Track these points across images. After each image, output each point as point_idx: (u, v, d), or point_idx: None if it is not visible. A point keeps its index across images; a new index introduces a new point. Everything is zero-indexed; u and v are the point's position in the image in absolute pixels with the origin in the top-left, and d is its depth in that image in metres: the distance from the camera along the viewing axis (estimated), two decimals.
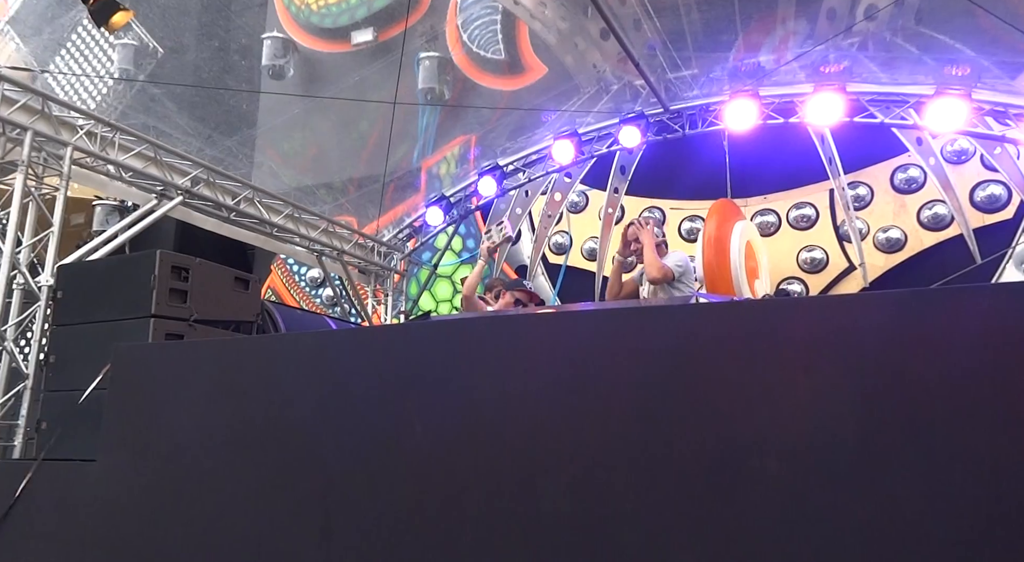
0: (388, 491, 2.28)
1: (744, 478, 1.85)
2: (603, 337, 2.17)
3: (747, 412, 1.90)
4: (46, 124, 5.18)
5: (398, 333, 3.01)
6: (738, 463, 1.87)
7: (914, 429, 1.74)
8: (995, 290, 2.19)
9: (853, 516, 1.74)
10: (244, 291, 4.13)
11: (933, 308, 1.87)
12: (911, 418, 1.75)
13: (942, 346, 1.79)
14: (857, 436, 1.79)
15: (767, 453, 1.84)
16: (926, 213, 7.45)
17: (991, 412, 1.71)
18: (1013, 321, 1.76)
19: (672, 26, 6.41)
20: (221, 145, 6.91)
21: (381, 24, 8.26)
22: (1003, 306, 1.80)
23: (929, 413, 1.75)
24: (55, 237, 5.10)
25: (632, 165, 8.48)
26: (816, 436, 1.83)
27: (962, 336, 1.79)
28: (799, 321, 1.99)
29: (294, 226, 7.44)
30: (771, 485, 1.82)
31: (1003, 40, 5.28)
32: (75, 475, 3.17)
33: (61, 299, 3.88)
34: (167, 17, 6.37)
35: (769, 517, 1.81)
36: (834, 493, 1.76)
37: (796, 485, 1.80)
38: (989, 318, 1.79)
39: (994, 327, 1.76)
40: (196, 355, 2.96)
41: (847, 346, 1.87)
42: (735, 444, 1.89)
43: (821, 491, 1.78)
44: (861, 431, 1.79)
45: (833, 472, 1.78)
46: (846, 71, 6.41)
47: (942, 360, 1.78)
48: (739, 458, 1.87)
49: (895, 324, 1.85)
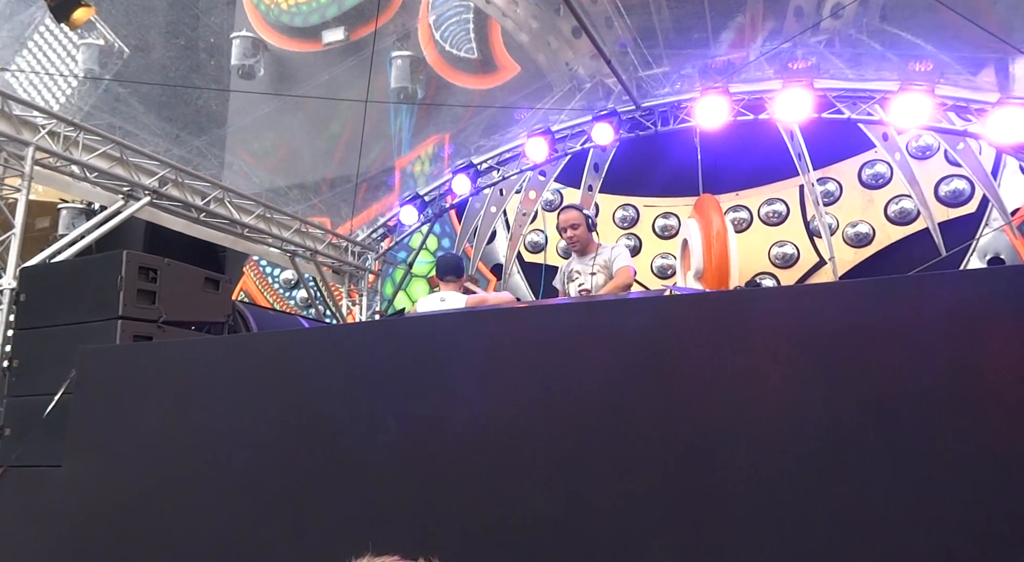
0: (361, 490, 2.26)
1: (715, 467, 1.87)
2: (575, 330, 2.17)
3: (718, 402, 1.91)
4: (6, 124, 5.06)
5: (369, 330, 2.98)
6: (709, 452, 1.89)
7: (882, 416, 1.77)
8: (958, 277, 2.23)
9: (823, 503, 1.76)
10: (215, 292, 4.07)
11: (897, 296, 1.89)
12: (879, 405, 1.78)
13: (908, 333, 1.82)
14: (826, 423, 1.81)
15: (737, 442, 1.86)
16: (893, 208, 7.59)
17: (957, 397, 1.74)
18: (976, 307, 1.80)
19: (643, 24, 6.46)
20: (190, 145, 6.81)
21: (352, 23, 8.21)
22: (966, 292, 1.83)
23: (896, 400, 1.77)
24: (17, 239, 4.99)
25: (605, 163, 8.52)
26: (785, 424, 1.85)
27: (927, 323, 1.82)
28: (768, 311, 2.00)
29: (266, 226, 7.36)
30: (742, 474, 1.83)
31: (964, 36, 5.40)
32: (40, 481, 3.10)
33: (24, 302, 3.78)
34: (131, 14, 6.26)
35: (740, 506, 1.82)
36: (804, 480, 1.78)
37: (766, 473, 1.82)
38: (953, 304, 1.82)
39: (958, 313, 1.80)
40: (163, 356, 2.91)
41: (815, 335, 1.90)
42: (706, 433, 1.90)
43: (791, 479, 1.80)
44: (830, 418, 1.81)
45: (802, 460, 1.80)
46: (813, 68, 6.51)
47: (908, 347, 1.81)
48: (710, 448, 1.89)
49: (861, 312, 1.87)
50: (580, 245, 4.32)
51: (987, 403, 1.72)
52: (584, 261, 4.31)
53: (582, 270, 4.29)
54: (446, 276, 4.64)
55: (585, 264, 4.28)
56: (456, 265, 4.74)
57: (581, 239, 4.30)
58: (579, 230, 4.28)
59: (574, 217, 4.30)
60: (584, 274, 4.26)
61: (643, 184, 8.39)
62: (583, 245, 4.32)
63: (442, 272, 4.67)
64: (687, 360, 2.00)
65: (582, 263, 4.32)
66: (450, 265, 4.69)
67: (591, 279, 4.21)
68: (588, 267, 4.25)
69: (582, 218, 4.30)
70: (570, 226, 4.28)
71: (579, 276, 4.30)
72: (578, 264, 4.35)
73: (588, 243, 4.32)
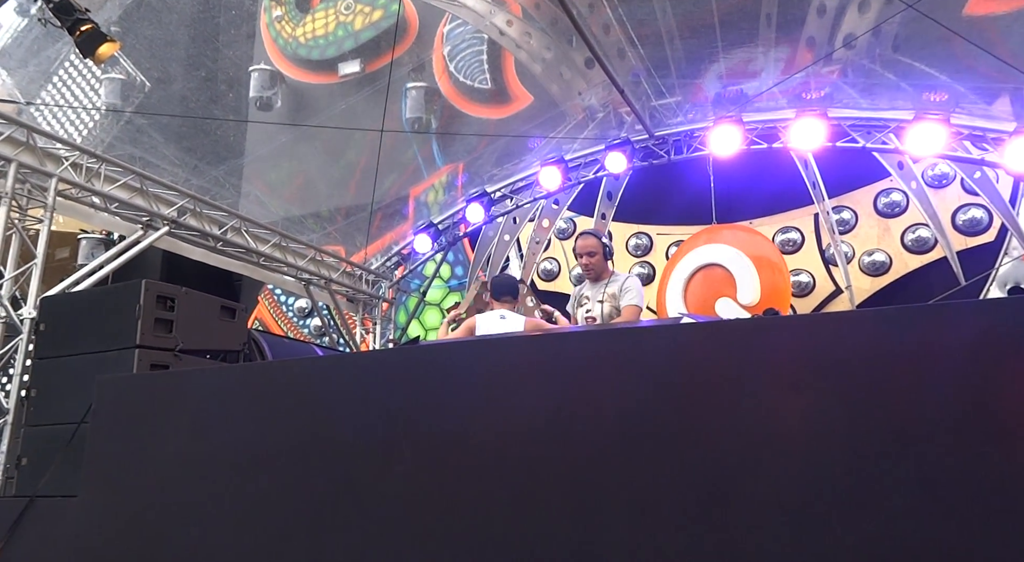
0: (378, 518, 2.24)
1: (735, 497, 1.83)
2: (592, 358, 2.15)
3: (737, 432, 1.88)
4: (31, 156, 5.17)
5: (386, 358, 2.98)
6: (729, 482, 1.85)
7: (906, 445, 1.73)
8: (979, 306, 2.21)
9: (848, 536, 1.71)
10: (231, 320, 4.09)
11: (917, 324, 1.87)
12: (902, 434, 1.74)
13: (930, 362, 1.79)
14: (849, 454, 1.78)
15: (758, 473, 1.82)
16: (910, 236, 7.54)
17: (981, 426, 1.70)
18: (997, 336, 1.77)
19: (656, 54, 6.53)
20: (208, 175, 6.91)
21: (368, 55, 8.35)
22: (988, 322, 1.81)
23: (920, 429, 1.74)
24: (38, 269, 5.05)
25: (619, 191, 8.55)
26: (807, 455, 1.81)
27: (949, 351, 1.80)
28: (788, 339, 1.98)
29: (281, 255, 7.42)
30: (763, 506, 1.80)
31: (978, 67, 5.40)
32: (56, 512, 3.10)
33: (44, 331, 3.81)
34: (154, 48, 6.41)
35: (762, 539, 1.78)
36: (827, 512, 1.75)
37: (787, 503, 1.78)
38: (975, 333, 1.79)
39: (979, 342, 1.77)
40: (180, 385, 2.92)
41: (834, 364, 1.87)
42: (725, 464, 1.87)
43: (812, 509, 1.76)
44: (852, 448, 1.77)
45: (826, 491, 1.77)
46: (827, 97, 6.53)
47: (930, 375, 1.78)
48: (729, 477, 1.85)
49: (883, 340, 1.85)
50: (595, 273, 4.33)
51: (1012, 432, 1.69)
52: (596, 288, 4.31)
53: (591, 296, 4.29)
54: (503, 296, 4.65)
55: (596, 291, 4.29)
56: (513, 285, 4.75)
57: (596, 267, 4.30)
58: (596, 258, 4.29)
59: (592, 244, 4.30)
60: (592, 301, 4.26)
61: (657, 213, 8.40)
62: (598, 273, 4.32)
63: (498, 292, 4.68)
64: (705, 389, 1.98)
65: (593, 289, 4.32)
66: (506, 285, 4.70)
67: (599, 307, 4.20)
68: (598, 294, 4.24)
69: (600, 246, 4.31)
70: (587, 253, 4.29)
71: (588, 302, 4.30)
72: (589, 290, 4.35)
73: (603, 271, 4.32)
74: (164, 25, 6.41)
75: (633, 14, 6.07)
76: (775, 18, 6.06)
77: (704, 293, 7.08)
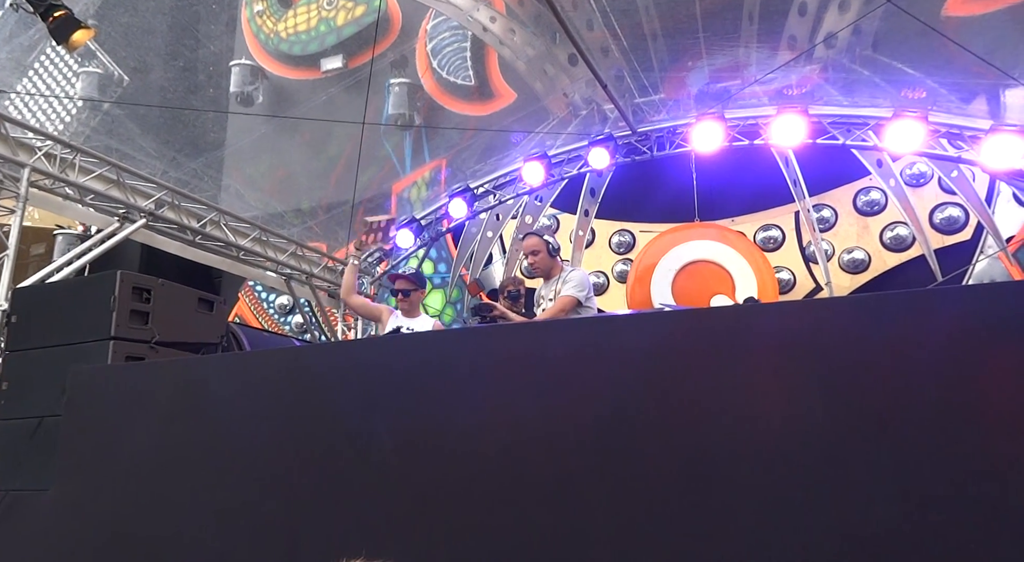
0: (357, 507, 2.21)
1: (717, 480, 1.83)
2: (574, 347, 2.14)
3: (719, 417, 1.88)
4: (3, 145, 5.06)
5: (365, 348, 2.95)
6: (711, 467, 1.85)
7: (884, 429, 1.74)
8: (957, 292, 2.22)
9: (827, 517, 1.72)
10: (209, 313, 4.03)
11: (897, 311, 1.88)
12: (881, 418, 1.75)
13: (908, 347, 1.81)
14: (828, 437, 1.78)
15: (739, 457, 1.82)
16: (888, 234, 7.63)
17: (958, 410, 1.71)
18: (975, 322, 1.78)
19: (639, 52, 6.53)
20: (186, 167, 6.80)
21: (350, 51, 8.28)
22: (966, 308, 1.82)
23: (898, 413, 1.75)
24: (10, 260, 4.95)
25: (601, 188, 8.56)
26: (788, 438, 1.81)
27: (927, 337, 1.81)
28: (769, 326, 1.98)
29: (262, 249, 7.34)
30: (745, 489, 1.80)
31: (956, 62, 5.46)
32: (28, 505, 3.03)
33: (15, 323, 3.74)
34: (131, 36, 6.28)
35: (743, 521, 1.78)
36: (807, 494, 1.75)
37: (769, 488, 1.78)
38: (953, 319, 1.81)
39: (957, 327, 1.78)
40: (155, 376, 2.87)
41: (816, 350, 1.88)
42: (707, 448, 1.87)
43: (793, 491, 1.76)
44: (832, 432, 1.78)
45: (805, 473, 1.77)
46: (808, 94, 6.58)
47: (909, 361, 1.79)
48: (711, 462, 1.85)
49: (862, 327, 1.86)
50: (541, 271, 4.31)
51: (987, 416, 1.70)
52: (548, 286, 4.30)
53: (545, 295, 4.29)
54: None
55: (549, 289, 4.28)
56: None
57: (541, 265, 4.27)
58: (540, 256, 4.25)
59: (534, 243, 4.29)
60: (545, 300, 4.26)
61: (639, 210, 8.42)
62: (544, 271, 4.30)
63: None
64: (688, 376, 1.97)
65: (546, 288, 4.31)
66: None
67: (551, 304, 4.19)
68: (550, 292, 4.24)
69: (542, 244, 4.28)
70: (531, 252, 4.26)
71: (543, 301, 4.30)
72: (544, 288, 4.34)
73: (551, 268, 4.29)
74: (140, 13, 6.27)
75: (616, 6, 6.07)
76: (757, 17, 6.10)
77: (696, 288, 7.06)
